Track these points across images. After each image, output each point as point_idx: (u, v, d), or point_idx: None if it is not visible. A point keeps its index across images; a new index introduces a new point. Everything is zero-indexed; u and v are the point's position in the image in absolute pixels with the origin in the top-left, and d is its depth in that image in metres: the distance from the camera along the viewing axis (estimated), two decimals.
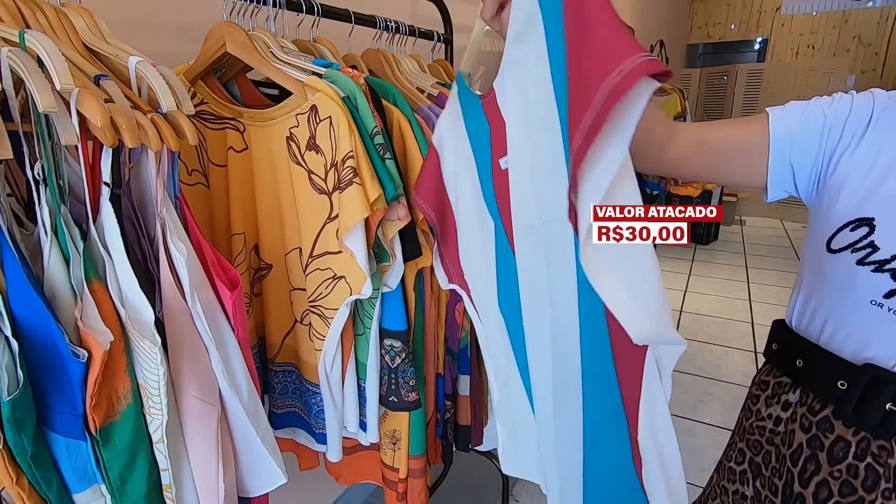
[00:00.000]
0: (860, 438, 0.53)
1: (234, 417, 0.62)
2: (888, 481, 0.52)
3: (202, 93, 0.77)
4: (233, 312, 0.60)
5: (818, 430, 0.57)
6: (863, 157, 0.52)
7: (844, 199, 0.53)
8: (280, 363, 0.87)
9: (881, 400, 0.50)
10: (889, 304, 0.49)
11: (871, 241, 0.49)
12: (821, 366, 0.56)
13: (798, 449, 0.59)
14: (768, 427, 0.64)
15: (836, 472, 0.55)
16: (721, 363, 2.39)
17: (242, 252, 0.80)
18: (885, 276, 0.49)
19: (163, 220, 0.54)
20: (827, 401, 0.56)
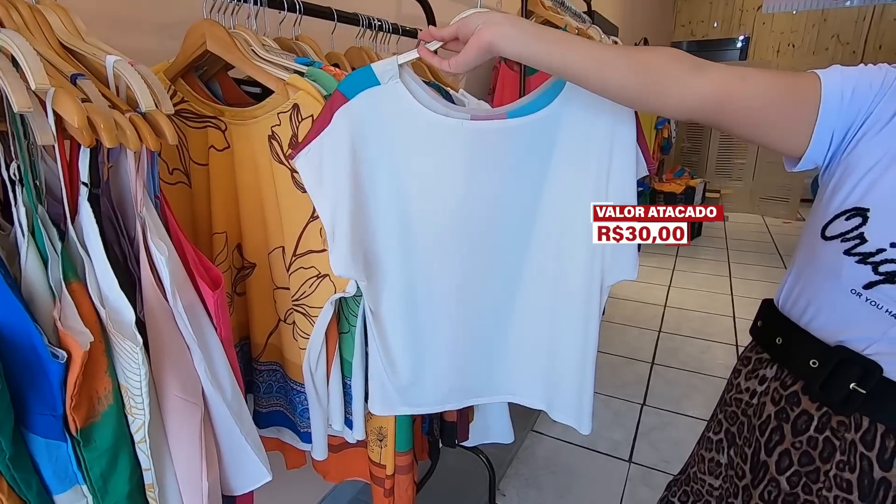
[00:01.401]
0: (822, 413, 0.56)
1: (217, 416, 0.62)
2: (843, 454, 0.55)
3: (183, 91, 0.76)
4: (215, 312, 0.60)
5: (786, 403, 0.60)
6: (882, 142, 0.50)
7: (847, 186, 0.52)
8: (264, 362, 0.87)
9: (846, 379, 0.53)
10: (867, 294, 0.51)
11: (860, 233, 0.51)
12: (798, 345, 0.59)
13: (767, 420, 0.62)
14: (744, 399, 0.67)
15: (797, 443, 0.59)
16: (704, 357, 2.44)
17: (224, 251, 0.80)
18: (867, 268, 0.50)
19: (143, 219, 0.54)
20: (798, 377, 0.59)
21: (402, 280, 0.77)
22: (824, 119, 0.52)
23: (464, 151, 0.71)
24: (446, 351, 0.83)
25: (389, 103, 0.69)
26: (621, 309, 2.96)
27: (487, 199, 0.74)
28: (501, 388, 0.90)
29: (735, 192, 5.10)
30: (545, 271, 0.79)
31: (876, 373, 0.51)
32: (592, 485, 1.66)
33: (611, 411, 2.03)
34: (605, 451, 1.81)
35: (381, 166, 0.71)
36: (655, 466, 1.73)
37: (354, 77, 0.68)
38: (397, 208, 0.73)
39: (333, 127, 0.68)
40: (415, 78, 0.70)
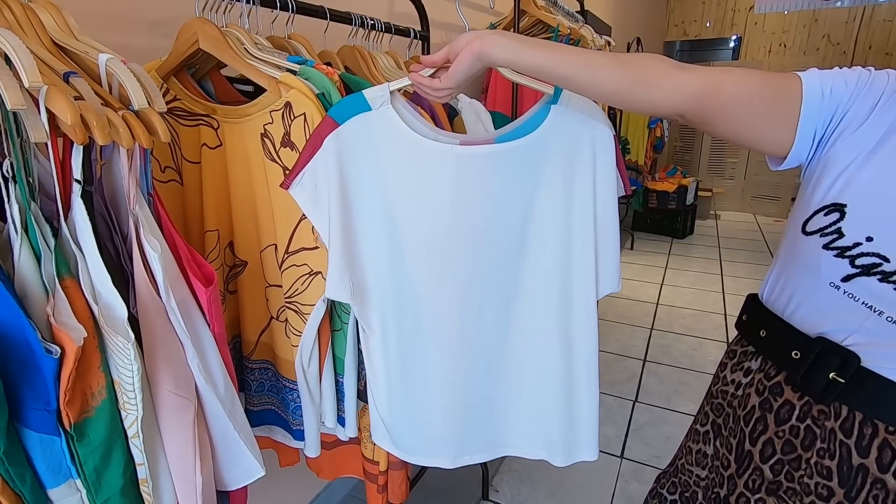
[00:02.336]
0: (804, 402, 0.58)
1: (210, 411, 0.62)
2: (823, 441, 0.56)
3: (175, 89, 0.76)
4: (208, 308, 0.61)
5: (770, 393, 0.62)
6: (859, 140, 0.52)
7: (826, 182, 0.54)
8: (256, 360, 0.87)
9: (826, 369, 0.55)
10: (845, 287, 0.53)
11: (838, 228, 0.52)
12: (781, 337, 0.61)
13: (751, 411, 0.64)
14: (730, 391, 0.69)
15: (780, 432, 0.60)
16: (695, 354, 2.46)
17: (216, 249, 0.80)
18: (845, 262, 0.52)
19: (136, 216, 0.55)
20: (781, 368, 0.61)
21: (393, 308, 0.77)
22: (807, 116, 0.53)
23: (453, 176, 0.72)
24: (437, 389, 0.81)
25: (380, 128, 0.70)
26: (614, 306, 2.98)
27: (476, 224, 0.74)
28: (503, 440, 0.86)
29: (727, 191, 5.14)
30: (542, 294, 0.78)
31: (854, 363, 0.53)
32: (584, 480, 1.67)
33: (603, 408, 2.05)
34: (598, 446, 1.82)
35: (371, 191, 0.72)
36: (647, 462, 1.74)
37: (346, 103, 0.69)
38: (387, 233, 0.74)
39: (324, 151, 0.69)
40: (405, 104, 0.71)
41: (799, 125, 0.54)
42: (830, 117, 0.53)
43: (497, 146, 0.71)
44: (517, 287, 0.78)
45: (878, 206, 0.50)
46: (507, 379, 0.83)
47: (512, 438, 0.86)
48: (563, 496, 1.61)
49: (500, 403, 0.84)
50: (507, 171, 0.72)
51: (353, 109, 0.69)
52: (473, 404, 0.83)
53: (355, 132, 0.69)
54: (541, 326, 0.79)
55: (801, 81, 0.54)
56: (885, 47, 4.76)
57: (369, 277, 0.76)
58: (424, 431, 0.84)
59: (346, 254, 0.73)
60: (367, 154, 0.71)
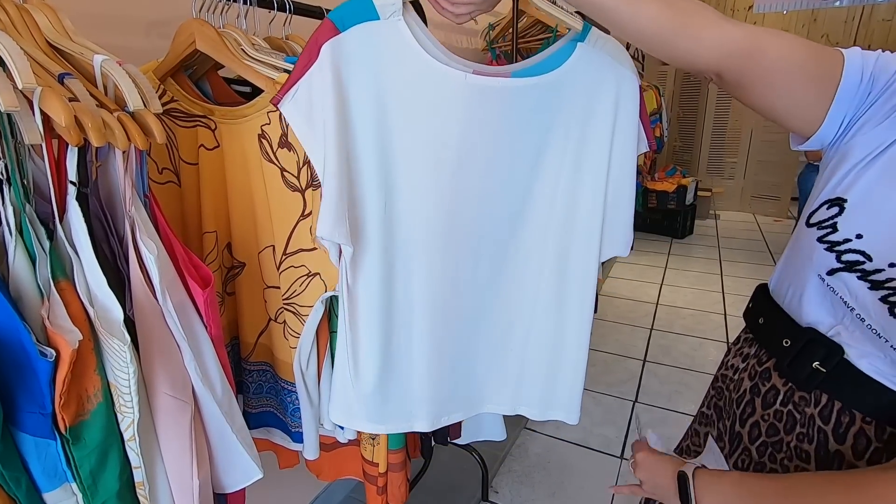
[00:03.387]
0: (788, 388, 0.59)
1: (208, 414, 0.62)
2: (803, 426, 0.58)
3: (172, 90, 0.76)
4: (205, 310, 0.60)
5: (759, 378, 0.63)
6: (878, 136, 0.50)
7: (839, 174, 0.53)
8: (254, 362, 0.87)
9: (811, 359, 0.56)
10: (829, 280, 0.54)
11: (834, 223, 0.52)
12: (776, 325, 0.62)
13: (742, 394, 0.65)
14: (728, 375, 0.70)
15: (766, 416, 0.62)
16: (696, 354, 2.46)
17: (214, 250, 0.80)
18: (832, 256, 0.52)
19: (132, 218, 0.54)
20: (772, 355, 0.62)
21: (382, 254, 0.69)
22: (841, 98, 0.51)
23: (463, 107, 0.64)
24: (423, 347, 0.75)
25: (387, 42, 0.61)
26: (614, 307, 2.98)
27: (480, 166, 0.68)
28: (483, 397, 0.83)
29: (726, 191, 5.14)
30: (541, 247, 0.74)
31: (837, 354, 0.54)
32: (584, 481, 1.67)
33: (603, 408, 2.04)
34: (598, 447, 1.82)
35: (368, 114, 0.64)
36: None
37: (350, 7, 0.60)
38: (382, 166, 0.66)
39: (321, 62, 0.60)
40: (418, 19, 0.63)
41: (832, 106, 0.52)
42: (861, 104, 0.52)
43: (514, 80, 0.65)
44: (517, 238, 0.73)
45: (873, 206, 0.50)
46: (496, 334, 0.79)
47: (493, 396, 0.83)
48: (562, 497, 1.61)
49: (484, 360, 0.80)
50: (521, 109, 0.66)
51: (358, 16, 0.60)
52: (458, 362, 0.78)
53: (358, 43, 0.60)
54: (536, 281, 0.75)
55: (843, 59, 0.51)
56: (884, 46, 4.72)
57: (361, 216, 0.67)
58: (403, 395, 0.77)
59: (343, 187, 0.63)
60: (369, 70, 0.61)
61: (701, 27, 0.54)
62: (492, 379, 0.82)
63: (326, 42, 0.60)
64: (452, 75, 0.63)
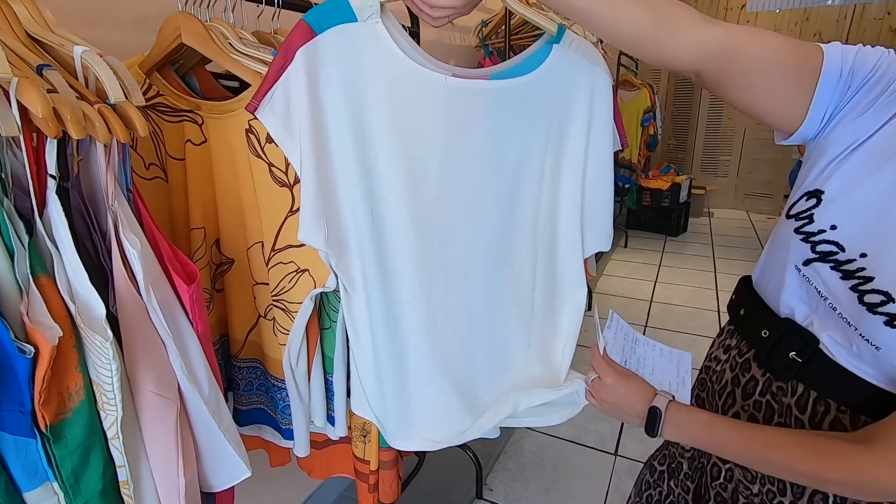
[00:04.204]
0: (766, 379, 0.60)
1: (194, 412, 0.61)
2: (780, 416, 0.58)
3: (158, 85, 0.75)
4: (190, 306, 0.60)
5: (740, 370, 0.64)
6: (858, 128, 0.50)
7: (818, 168, 0.53)
8: (244, 359, 0.86)
9: (788, 349, 0.56)
10: (804, 270, 0.54)
11: (811, 214, 0.53)
12: (756, 316, 0.63)
13: (724, 385, 0.66)
14: (711, 367, 0.71)
15: (745, 406, 0.62)
16: (689, 350, 2.46)
17: (202, 247, 0.79)
18: (807, 247, 0.53)
19: (115, 213, 0.54)
20: (752, 346, 0.63)
21: (373, 258, 0.68)
22: (822, 93, 0.51)
23: (443, 110, 0.64)
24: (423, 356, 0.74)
25: (365, 45, 0.60)
26: (608, 304, 2.98)
27: (466, 166, 0.67)
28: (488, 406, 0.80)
29: (720, 189, 5.16)
30: (535, 248, 0.74)
31: (813, 345, 0.54)
32: (579, 478, 1.67)
33: None
34: (592, 444, 1.82)
35: (348, 118, 0.62)
36: (641, 459, 1.74)
37: (326, 8, 0.59)
38: (365, 169, 0.64)
39: (296, 66, 0.58)
40: (395, 22, 0.62)
41: (813, 102, 0.52)
42: (841, 98, 0.52)
43: (494, 83, 0.65)
44: (507, 241, 0.73)
45: (848, 197, 0.51)
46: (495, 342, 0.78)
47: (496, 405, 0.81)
48: (557, 494, 1.60)
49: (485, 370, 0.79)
50: (502, 111, 0.66)
51: (335, 18, 0.59)
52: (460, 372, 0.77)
53: (334, 46, 0.59)
54: (530, 284, 0.75)
55: (822, 55, 0.51)
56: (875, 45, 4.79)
57: (346, 220, 0.66)
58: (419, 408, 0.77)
59: (321, 191, 0.62)
60: (347, 73, 0.60)
61: (679, 28, 0.54)
62: (494, 388, 0.81)
63: (302, 46, 0.59)
64: (432, 78, 0.63)
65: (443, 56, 2.13)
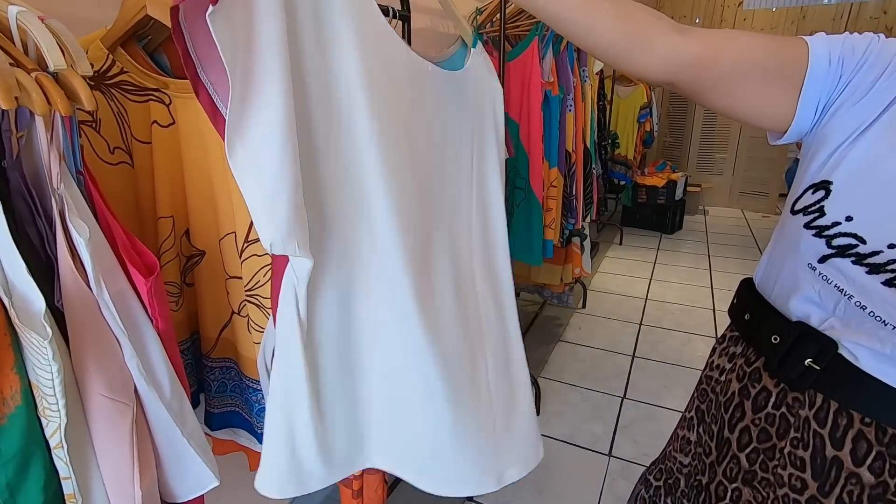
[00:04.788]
0: (780, 389, 0.56)
1: (154, 416, 0.56)
2: (797, 431, 0.54)
3: (122, 61, 0.69)
4: (149, 301, 0.54)
5: (749, 380, 0.60)
6: (858, 113, 0.48)
7: (820, 158, 0.51)
8: (216, 358, 0.81)
9: (802, 355, 0.52)
10: (821, 268, 0.50)
11: (821, 206, 0.50)
12: (763, 320, 0.59)
13: (731, 397, 0.62)
14: (714, 377, 0.67)
15: (756, 420, 0.58)
16: (684, 349, 2.43)
17: (171, 237, 0.73)
18: (822, 242, 0.49)
19: (60, 197, 0.48)
20: (761, 353, 0.59)
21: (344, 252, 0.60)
22: (811, 88, 0.50)
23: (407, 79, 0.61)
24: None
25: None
26: (602, 301, 2.95)
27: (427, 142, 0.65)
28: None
29: (715, 187, 5.14)
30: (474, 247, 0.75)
31: (831, 349, 0.50)
32: (571, 479, 1.63)
33: (590, 404, 2.01)
34: (585, 444, 1.79)
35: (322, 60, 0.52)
36: (635, 460, 1.71)
37: None
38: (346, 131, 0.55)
39: None
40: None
41: (801, 97, 0.51)
42: (833, 88, 0.50)
43: (441, 69, 0.66)
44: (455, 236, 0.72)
45: (862, 184, 0.48)
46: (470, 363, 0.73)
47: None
48: (549, 496, 1.56)
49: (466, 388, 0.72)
50: (445, 97, 0.68)
51: None
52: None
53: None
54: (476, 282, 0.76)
55: (807, 48, 0.50)
56: None
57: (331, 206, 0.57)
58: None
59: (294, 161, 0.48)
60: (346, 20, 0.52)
61: (653, 39, 0.52)
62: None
63: None
64: (396, 44, 0.60)
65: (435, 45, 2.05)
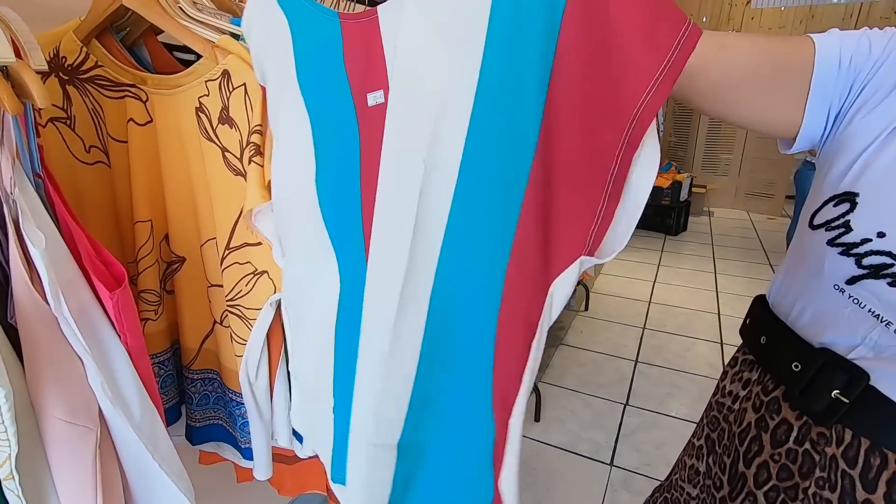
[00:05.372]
0: (802, 423, 0.51)
1: (121, 441, 0.52)
2: (823, 470, 0.49)
3: (97, 54, 0.65)
4: (115, 316, 0.50)
5: (766, 410, 0.55)
6: (880, 117, 0.44)
7: (840, 167, 0.46)
8: (198, 370, 0.76)
9: (828, 386, 0.47)
10: (850, 290, 0.45)
11: (846, 221, 0.45)
12: (781, 345, 0.54)
13: (746, 428, 0.57)
14: (727, 404, 0.62)
15: (776, 455, 0.53)
16: (688, 355, 2.38)
17: (149, 242, 0.69)
18: (850, 261, 0.44)
19: (14, 202, 0.44)
20: (780, 381, 0.54)
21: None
22: (818, 90, 0.46)
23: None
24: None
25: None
26: (604, 304, 2.90)
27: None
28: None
29: (721, 188, 5.08)
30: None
31: (862, 380, 0.45)
32: (572, 489, 1.59)
33: (592, 411, 1.96)
34: (586, 453, 1.74)
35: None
36: (637, 470, 1.66)
37: None
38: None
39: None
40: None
41: (808, 101, 0.46)
42: (848, 89, 0.46)
43: None
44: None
45: (893, 195, 0.43)
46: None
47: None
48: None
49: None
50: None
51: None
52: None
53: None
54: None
55: (814, 48, 0.46)
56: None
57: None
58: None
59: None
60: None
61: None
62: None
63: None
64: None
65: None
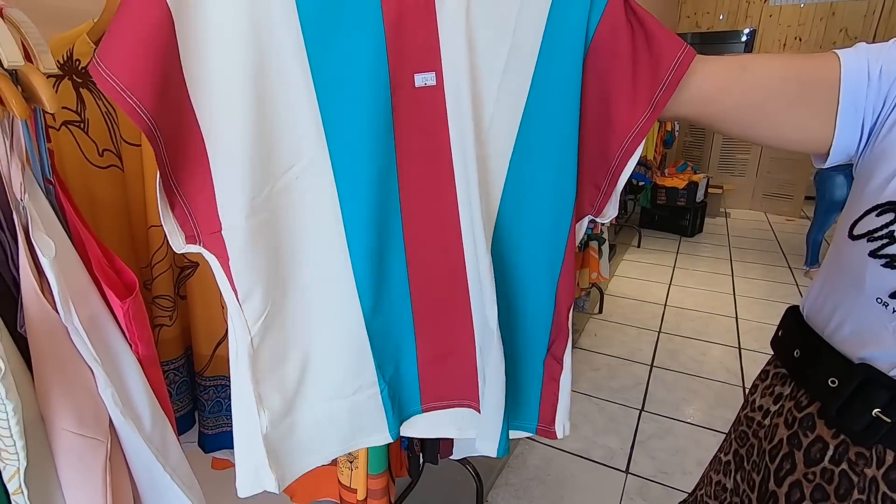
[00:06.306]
0: (839, 442, 0.49)
1: (132, 452, 0.51)
2: (861, 492, 0.46)
3: None
4: (126, 324, 0.49)
5: (800, 427, 0.53)
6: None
7: (881, 176, 0.44)
8: (210, 377, 0.75)
9: (869, 404, 0.45)
10: (894, 304, 0.43)
11: (890, 231, 0.43)
12: (817, 359, 0.52)
13: (778, 445, 0.55)
14: (756, 419, 0.60)
15: (810, 475, 0.51)
16: (704, 359, 2.34)
17: (164, 247, 0.68)
18: (894, 273, 0.43)
19: (24, 210, 0.43)
20: (815, 397, 0.52)
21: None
22: (848, 104, 0.46)
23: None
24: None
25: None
26: (619, 306, 2.86)
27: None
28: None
29: (738, 188, 4.99)
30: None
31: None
32: (586, 496, 1.56)
33: (606, 416, 1.93)
34: (600, 459, 1.71)
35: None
36: (653, 478, 1.63)
37: None
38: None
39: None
40: None
41: (839, 116, 0.46)
42: (883, 100, 0.45)
43: None
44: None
45: None
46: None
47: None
48: None
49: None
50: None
51: None
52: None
53: None
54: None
55: (839, 62, 0.46)
56: None
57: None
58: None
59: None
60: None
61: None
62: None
63: None
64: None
65: None
